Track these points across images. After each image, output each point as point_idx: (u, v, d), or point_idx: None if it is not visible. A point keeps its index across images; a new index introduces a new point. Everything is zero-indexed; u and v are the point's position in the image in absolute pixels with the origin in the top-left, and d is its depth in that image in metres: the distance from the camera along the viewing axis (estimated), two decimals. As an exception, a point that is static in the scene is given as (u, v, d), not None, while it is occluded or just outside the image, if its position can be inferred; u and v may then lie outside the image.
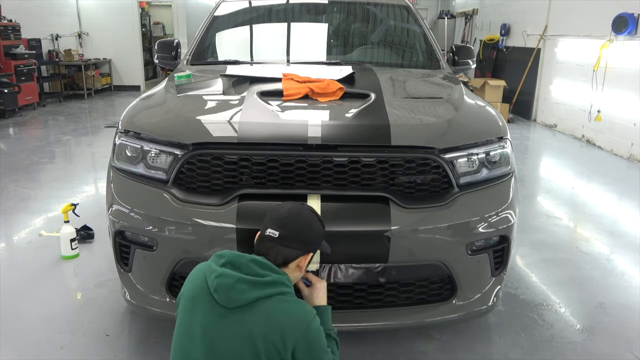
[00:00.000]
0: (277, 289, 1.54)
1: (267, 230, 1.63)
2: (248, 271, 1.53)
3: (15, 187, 4.93)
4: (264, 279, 1.53)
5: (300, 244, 1.66)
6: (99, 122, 8.55)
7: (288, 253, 1.64)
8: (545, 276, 3.29)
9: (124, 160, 2.28)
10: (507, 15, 10.30)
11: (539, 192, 5.19)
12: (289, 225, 1.65)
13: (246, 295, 1.50)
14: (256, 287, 1.51)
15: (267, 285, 1.52)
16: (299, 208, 1.73)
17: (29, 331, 2.60)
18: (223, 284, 1.50)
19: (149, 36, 14.17)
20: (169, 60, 3.53)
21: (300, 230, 1.66)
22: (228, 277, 1.51)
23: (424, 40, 3.65)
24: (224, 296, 1.50)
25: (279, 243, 1.62)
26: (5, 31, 8.75)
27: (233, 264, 1.55)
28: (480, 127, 2.35)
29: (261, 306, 1.50)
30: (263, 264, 1.57)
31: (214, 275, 1.52)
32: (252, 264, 1.55)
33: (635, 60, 6.33)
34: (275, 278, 1.55)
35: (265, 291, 1.51)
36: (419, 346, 2.51)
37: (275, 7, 3.85)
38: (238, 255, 1.57)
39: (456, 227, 2.10)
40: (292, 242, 1.64)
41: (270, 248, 1.62)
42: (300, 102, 2.39)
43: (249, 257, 1.57)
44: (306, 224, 1.69)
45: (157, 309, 2.24)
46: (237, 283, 1.50)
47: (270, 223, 1.65)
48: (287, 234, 1.63)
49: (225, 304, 1.50)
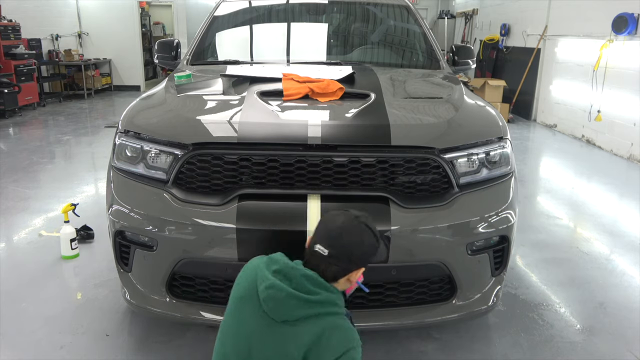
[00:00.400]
0: (326, 309, 1.51)
1: (317, 246, 1.58)
2: (299, 287, 1.50)
3: (15, 187, 4.93)
4: (314, 297, 1.50)
5: (351, 262, 1.60)
6: (99, 122, 8.55)
7: (337, 270, 1.58)
8: (545, 276, 3.29)
9: (124, 160, 2.28)
10: (507, 15, 10.31)
11: (539, 192, 5.19)
12: (339, 244, 1.58)
13: (295, 312, 1.48)
14: (306, 305, 1.48)
15: (317, 304, 1.50)
16: (350, 223, 1.63)
17: (29, 331, 2.60)
18: (273, 296, 1.48)
19: (149, 36, 14.16)
20: (169, 60, 3.53)
21: (351, 248, 1.59)
22: (278, 291, 1.48)
23: (424, 40, 3.65)
24: (272, 309, 1.49)
25: (330, 262, 1.57)
26: (5, 31, 8.75)
27: (285, 275, 1.52)
28: (480, 127, 2.35)
29: (308, 325, 1.48)
30: (315, 280, 1.53)
31: (264, 285, 1.50)
32: (304, 280, 1.51)
33: (635, 60, 6.33)
34: (326, 297, 1.52)
35: (314, 310, 1.49)
36: (419, 346, 2.51)
37: (275, 7, 3.85)
38: (292, 266, 1.55)
39: (456, 227, 2.10)
40: (341, 260, 1.58)
41: (320, 263, 1.57)
42: (300, 102, 2.39)
43: (302, 272, 1.53)
44: (357, 241, 1.61)
45: (157, 309, 2.24)
46: (287, 298, 1.48)
47: (320, 238, 1.60)
48: (336, 253, 1.57)
49: (272, 315, 1.49)
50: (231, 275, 2.11)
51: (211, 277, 2.19)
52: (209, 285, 2.20)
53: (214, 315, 2.18)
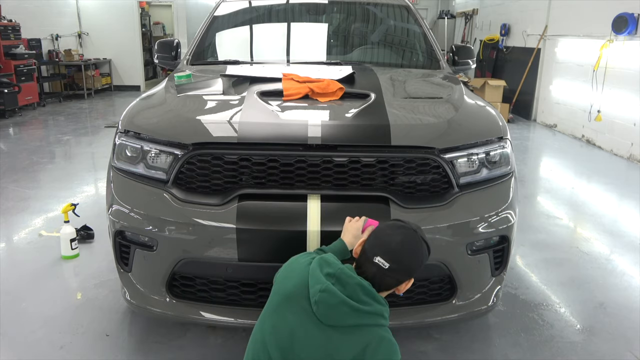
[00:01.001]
0: (374, 320, 1.54)
1: (377, 259, 1.60)
2: (352, 294, 1.52)
3: (15, 187, 4.93)
4: (366, 308, 1.52)
5: (407, 275, 1.65)
6: (99, 122, 8.55)
7: (393, 282, 1.63)
8: (545, 276, 3.29)
9: (124, 160, 2.28)
10: (507, 15, 10.31)
11: (539, 192, 5.19)
12: (400, 259, 1.61)
13: (345, 320, 1.50)
14: (356, 314, 1.50)
15: (366, 314, 1.52)
16: (410, 238, 1.66)
17: (29, 331, 2.60)
18: (326, 301, 1.50)
19: (149, 36, 14.16)
20: (169, 60, 3.53)
21: (410, 262, 1.64)
22: (332, 296, 1.50)
23: (424, 40, 3.65)
24: (323, 312, 1.51)
25: (387, 274, 1.60)
26: (5, 31, 8.75)
27: (339, 281, 1.54)
28: (480, 127, 2.35)
29: (355, 333, 1.50)
30: (369, 291, 1.55)
31: (318, 288, 1.52)
32: (358, 289, 1.53)
33: (635, 60, 6.33)
34: (376, 309, 1.54)
35: (363, 320, 1.51)
36: (419, 346, 2.51)
37: (275, 7, 3.85)
38: (347, 273, 1.56)
39: (456, 227, 2.10)
40: (399, 275, 1.62)
41: (376, 275, 1.60)
42: (300, 102, 2.39)
43: (357, 281, 1.55)
44: (416, 255, 1.65)
45: (157, 309, 2.23)
46: (340, 305, 1.50)
47: (380, 251, 1.62)
48: (397, 267, 1.60)
49: (321, 319, 1.51)
50: (231, 275, 2.13)
51: (211, 277, 2.19)
52: (209, 285, 2.20)
53: (214, 315, 2.18)
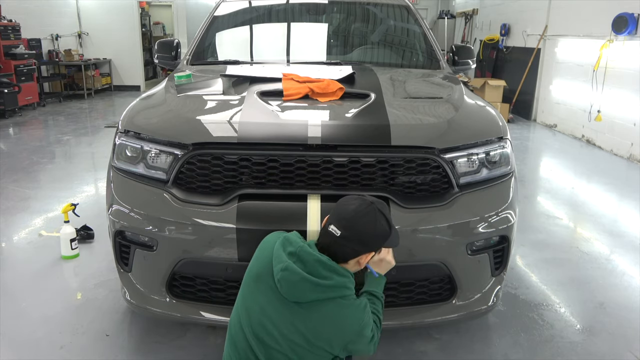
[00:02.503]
0: (337, 293, 1.58)
1: (330, 227, 1.64)
2: (312, 271, 1.56)
3: (15, 187, 4.93)
4: (327, 282, 1.55)
5: (361, 246, 1.66)
6: (99, 122, 8.55)
7: (347, 252, 1.65)
8: (545, 276, 3.29)
9: (124, 160, 2.28)
10: (507, 15, 10.31)
11: (539, 192, 5.19)
12: (351, 226, 1.63)
13: (307, 295, 1.55)
14: (318, 289, 1.55)
15: (329, 288, 1.56)
16: (365, 209, 1.67)
17: (29, 331, 2.60)
18: (287, 279, 1.55)
19: (149, 36, 14.16)
20: (169, 60, 3.53)
21: (362, 232, 1.65)
22: (293, 274, 1.55)
23: (424, 40, 3.65)
24: (286, 290, 1.56)
25: (341, 242, 1.63)
26: (5, 31, 8.75)
27: (299, 258, 1.58)
28: (480, 127, 2.35)
29: (320, 307, 1.56)
30: (327, 265, 1.59)
31: (280, 267, 1.57)
32: (317, 265, 1.57)
33: (635, 60, 6.33)
34: (337, 282, 1.57)
35: (326, 294, 1.56)
36: (419, 346, 2.51)
37: (275, 7, 3.85)
38: (306, 251, 1.60)
39: (456, 227, 2.10)
40: (352, 242, 1.64)
41: (331, 244, 1.64)
42: (300, 102, 2.39)
43: (315, 257, 1.59)
44: (370, 225, 1.66)
45: (157, 309, 2.24)
46: (301, 282, 1.54)
47: (334, 219, 1.65)
48: (348, 235, 1.63)
49: (286, 296, 1.57)
50: (231, 275, 2.12)
51: (211, 277, 2.19)
52: (209, 285, 2.20)
53: (214, 315, 2.18)
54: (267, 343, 1.59)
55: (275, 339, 1.58)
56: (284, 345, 1.58)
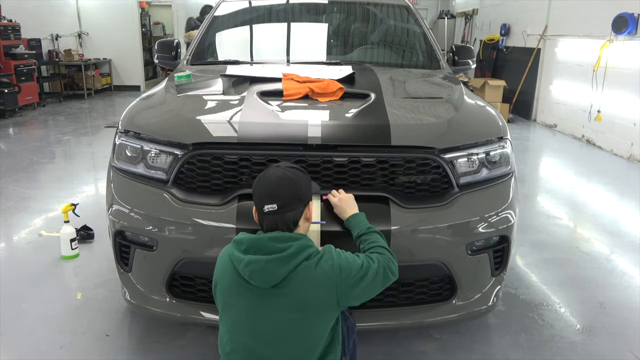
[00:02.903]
0: (303, 255, 1.60)
1: (265, 207, 1.65)
2: (271, 250, 1.58)
3: (15, 187, 4.93)
4: (289, 252, 1.58)
5: (299, 202, 1.69)
6: (99, 122, 8.55)
7: (293, 215, 1.68)
8: (545, 276, 3.29)
9: (124, 160, 2.28)
10: (507, 15, 10.30)
11: (539, 192, 5.19)
12: (281, 193, 1.66)
13: (279, 273, 1.57)
14: (285, 262, 1.57)
15: (293, 255, 1.58)
16: (280, 171, 1.72)
17: (29, 331, 2.60)
18: (254, 269, 1.57)
19: (149, 36, 14.16)
20: (169, 60, 3.53)
21: (292, 192, 1.68)
22: (257, 263, 1.57)
23: (424, 40, 3.65)
24: (259, 279, 1.58)
25: (281, 212, 1.65)
26: (5, 31, 8.74)
27: (255, 248, 1.61)
28: (480, 127, 2.35)
29: (295, 276, 1.58)
30: (281, 237, 1.62)
31: (243, 264, 1.59)
32: (272, 243, 1.60)
33: (635, 60, 6.33)
34: (297, 246, 1.60)
35: (294, 262, 1.58)
36: (419, 346, 2.51)
37: (275, 7, 3.85)
38: (256, 238, 1.63)
39: (456, 227, 2.10)
40: (291, 205, 1.67)
41: (277, 220, 1.66)
42: (300, 102, 2.39)
43: (267, 237, 1.62)
44: (295, 182, 1.70)
45: (157, 309, 2.24)
46: (267, 265, 1.56)
47: (263, 199, 1.67)
48: (284, 202, 1.65)
49: (262, 285, 1.58)
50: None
51: (211, 277, 2.17)
52: (209, 285, 2.19)
53: (214, 315, 2.17)
54: (268, 340, 1.61)
55: (274, 330, 1.60)
56: (284, 330, 1.60)
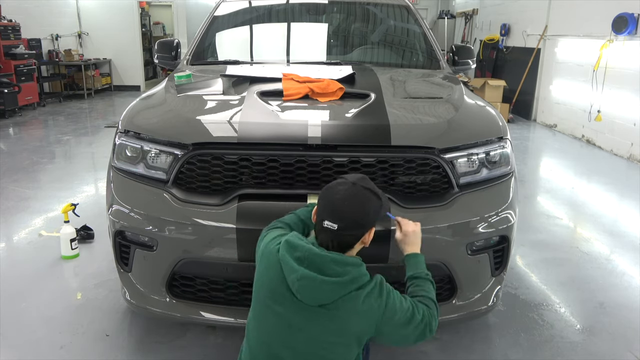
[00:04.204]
0: (356, 284, 1.56)
1: (325, 223, 1.59)
2: (329, 272, 1.53)
3: (15, 187, 4.93)
4: (345, 278, 1.54)
5: (360, 228, 1.63)
6: (99, 122, 8.55)
7: (349, 240, 1.62)
8: (545, 276, 3.29)
9: (124, 160, 2.28)
10: (507, 15, 10.30)
11: (539, 192, 5.19)
12: (345, 216, 1.59)
13: (329, 297, 1.53)
14: (339, 287, 1.53)
15: (348, 283, 1.54)
16: (351, 192, 1.63)
17: (29, 331, 2.60)
18: (305, 286, 1.52)
19: (149, 36, 14.16)
20: (169, 60, 3.53)
21: (357, 217, 1.62)
22: (311, 281, 1.52)
23: (424, 40, 3.65)
24: (308, 297, 1.53)
25: (341, 234, 1.59)
26: (5, 31, 8.75)
27: (312, 263, 1.54)
28: (480, 127, 2.35)
29: (343, 303, 1.54)
30: (340, 261, 1.56)
31: (295, 277, 1.53)
32: (331, 264, 1.54)
33: (635, 60, 6.33)
34: (354, 274, 1.55)
35: (348, 289, 1.54)
36: (419, 346, 2.51)
37: (275, 7, 3.85)
38: (316, 253, 1.56)
39: (456, 227, 2.10)
40: (351, 229, 1.60)
41: (333, 238, 1.60)
42: (300, 102, 2.39)
43: (328, 258, 1.55)
44: (362, 208, 1.63)
45: (157, 309, 2.24)
46: (320, 286, 1.52)
47: (326, 214, 1.61)
48: (345, 225, 1.59)
49: (308, 302, 1.54)
50: (231, 275, 2.12)
51: (211, 277, 2.19)
52: (209, 285, 2.20)
53: (214, 315, 2.18)
54: (299, 353, 1.59)
55: (307, 346, 1.57)
56: (319, 350, 1.58)
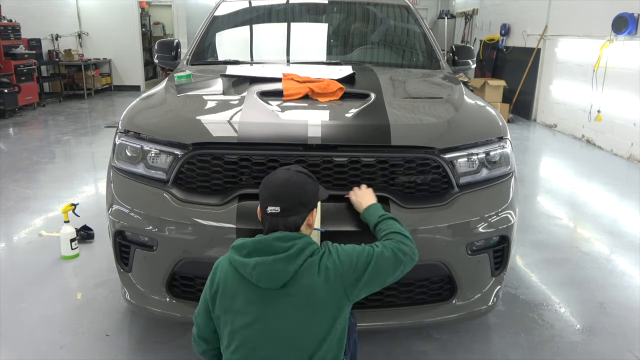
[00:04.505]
0: (307, 252, 1.59)
1: (268, 209, 1.65)
2: (276, 250, 1.57)
3: (15, 187, 4.93)
4: (294, 249, 1.57)
5: (303, 208, 1.68)
6: (99, 122, 8.55)
7: (295, 220, 1.66)
8: (545, 276, 3.29)
9: (124, 160, 2.28)
10: (507, 15, 10.30)
11: (539, 192, 5.19)
12: (285, 197, 1.65)
13: (287, 271, 1.55)
14: (291, 260, 1.56)
15: (298, 253, 1.57)
16: (287, 174, 1.71)
17: (29, 331, 2.60)
18: (262, 272, 1.55)
19: (149, 36, 14.16)
20: (169, 60, 3.53)
21: (297, 196, 1.67)
22: (264, 264, 1.55)
23: (424, 40, 3.65)
24: (268, 280, 1.55)
25: (284, 215, 1.64)
26: (5, 31, 8.75)
27: (258, 250, 1.59)
28: (480, 127, 2.35)
29: (302, 274, 1.56)
30: (285, 236, 1.60)
31: (249, 268, 1.56)
32: (276, 242, 1.59)
33: (635, 60, 6.33)
34: (301, 244, 1.59)
35: (300, 259, 1.56)
36: (419, 346, 2.51)
37: (275, 7, 3.85)
38: (258, 240, 1.61)
39: (456, 227, 2.10)
40: (294, 209, 1.65)
41: (279, 222, 1.64)
42: (300, 102, 2.39)
43: (271, 237, 1.60)
44: (300, 187, 1.69)
45: (157, 309, 2.24)
46: (274, 264, 1.55)
47: (268, 200, 1.66)
48: (288, 205, 1.64)
49: (271, 286, 1.56)
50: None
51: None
52: (209, 285, 2.20)
53: (214, 315, 2.18)
54: (281, 339, 1.59)
55: (287, 330, 1.58)
56: (295, 329, 1.58)
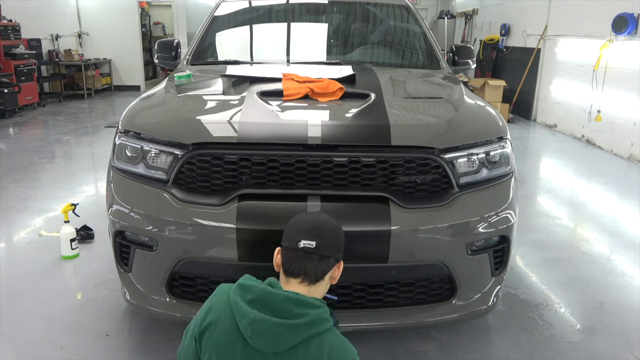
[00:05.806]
0: (317, 329, 1.39)
1: (301, 243, 1.48)
2: (284, 313, 1.37)
3: (15, 187, 4.93)
4: (303, 320, 1.37)
5: (336, 252, 1.55)
6: (99, 122, 8.55)
7: (326, 265, 1.51)
8: (545, 276, 3.29)
9: (124, 160, 2.28)
10: (507, 15, 10.30)
11: (539, 192, 5.19)
12: (323, 234, 1.52)
13: (285, 342, 1.36)
14: (295, 331, 1.37)
15: (307, 326, 1.38)
16: (321, 217, 1.61)
17: (29, 331, 2.60)
18: (258, 332, 1.36)
19: (149, 36, 14.16)
20: (169, 60, 3.53)
21: (335, 237, 1.56)
22: (263, 324, 1.36)
23: (424, 40, 3.65)
24: (262, 343, 1.36)
25: (317, 253, 1.49)
26: (5, 31, 8.75)
27: (264, 303, 1.39)
28: (480, 127, 2.35)
29: (304, 349, 1.37)
30: (299, 301, 1.40)
31: (245, 321, 1.37)
32: (286, 304, 1.39)
33: (635, 60, 6.33)
34: (314, 316, 1.39)
35: (306, 333, 1.37)
36: (419, 346, 2.51)
37: (275, 7, 3.85)
38: (269, 292, 1.41)
39: (456, 227, 2.10)
40: (330, 250, 1.52)
41: (308, 263, 1.48)
42: (300, 102, 2.39)
43: (283, 296, 1.40)
44: (339, 229, 1.60)
45: (157, 309, 2.24)
46: (274, 329, 1.36)
47: (301, 234, 1.51)
48: (324, 243, 1.51)
49: (263, 350, 1.37)
50: (231, 275, 2.12)
51: (211, 277, 2.18)
52: (209, 285, 2.20)
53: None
54: None
55: None
56: None
